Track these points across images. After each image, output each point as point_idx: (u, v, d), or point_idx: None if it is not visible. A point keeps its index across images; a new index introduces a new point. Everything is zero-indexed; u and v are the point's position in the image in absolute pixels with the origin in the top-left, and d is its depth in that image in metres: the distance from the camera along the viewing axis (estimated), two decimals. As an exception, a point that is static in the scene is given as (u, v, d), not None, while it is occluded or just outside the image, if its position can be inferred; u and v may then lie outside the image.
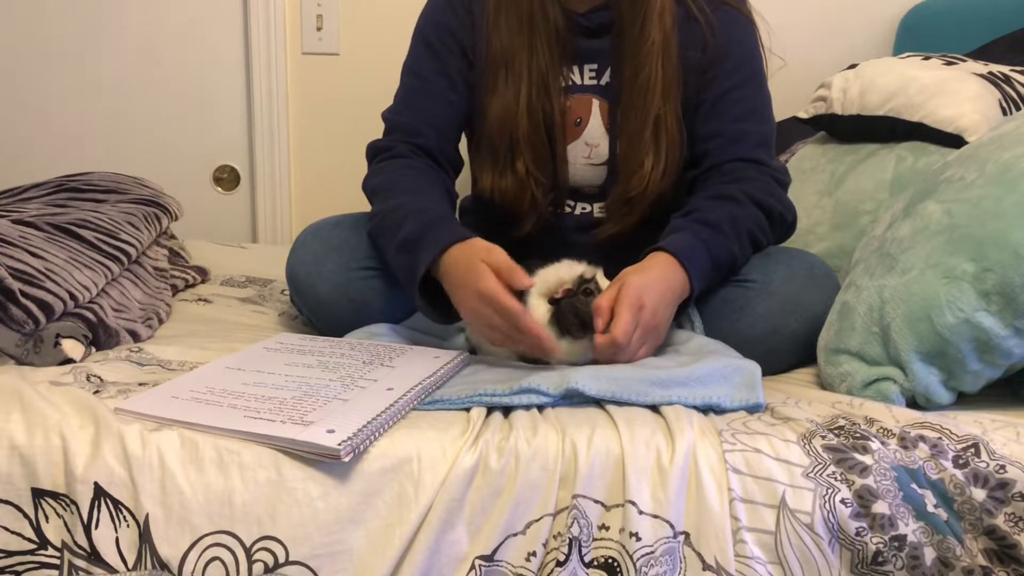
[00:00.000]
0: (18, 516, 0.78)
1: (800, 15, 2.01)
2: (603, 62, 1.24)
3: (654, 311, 1.01)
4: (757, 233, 1.14)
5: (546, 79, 1.21)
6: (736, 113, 1.21)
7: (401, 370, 0.95)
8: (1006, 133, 1.04)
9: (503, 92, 1.22)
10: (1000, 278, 0.91)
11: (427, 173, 1.21)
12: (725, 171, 1.19)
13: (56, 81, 2.06)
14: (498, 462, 0.81)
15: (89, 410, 0.82)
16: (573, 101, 1.25)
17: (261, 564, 0.78)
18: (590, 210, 1.29)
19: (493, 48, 1.22)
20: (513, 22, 1.21)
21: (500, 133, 1.23)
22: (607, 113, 1.24)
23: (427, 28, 1.28)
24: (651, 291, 1.01)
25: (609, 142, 1.25)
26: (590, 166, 1.26)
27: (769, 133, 1.24)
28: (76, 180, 1.45)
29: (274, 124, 2.06)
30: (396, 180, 1.18)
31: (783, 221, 1.19)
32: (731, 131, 1.21)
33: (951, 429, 0.87)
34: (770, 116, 1.25)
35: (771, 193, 1.17)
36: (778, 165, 1.22)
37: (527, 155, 1.23)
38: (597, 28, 1.22)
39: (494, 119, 1.23)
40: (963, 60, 1.49)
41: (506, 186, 1.24)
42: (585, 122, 1.25)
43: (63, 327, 1.00)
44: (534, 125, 1.22)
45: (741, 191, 1.15)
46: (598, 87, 1.24)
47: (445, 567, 0.80)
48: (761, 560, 0.80)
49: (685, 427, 0.84)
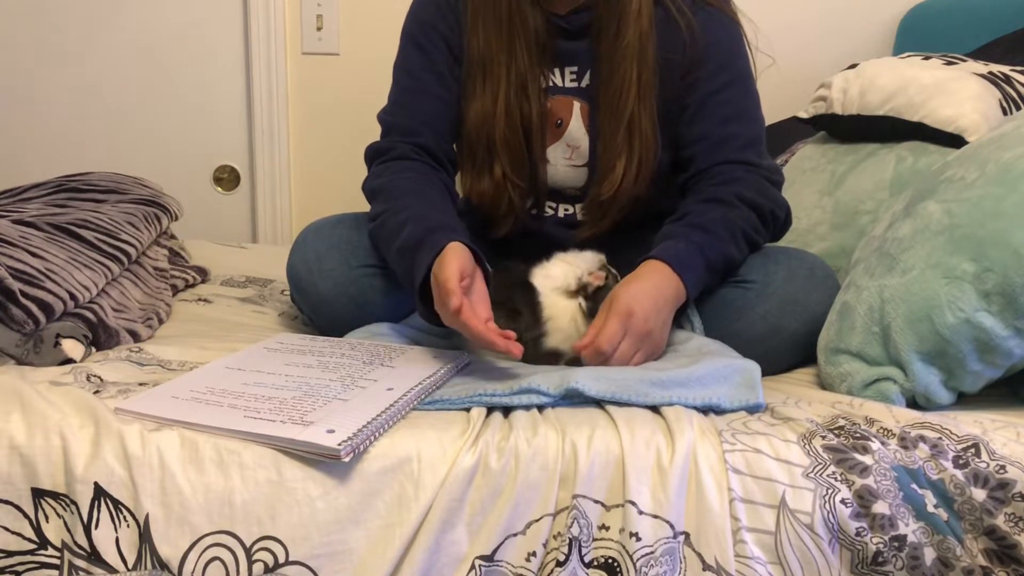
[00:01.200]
0: (18, 516, 0.78)
1: (800, 15, 2.01)
2: (583, 64, 1.23)
3: (645, 318, 1.01)
4: (751, 233, 1.14)
5: (525, 81, 1.21)
6: (722, 115, 1.20)
7: (401, 370, 0.95)
8: (1006, 133, 1.04)
9: (481, 96, 1.21)
10: (1001, 278, 0.91)
11: (427, 175, 1.21)
12: (714, 174, 1.19)
13: (56, 81, 2.06)
14: (498, 462, 0.81)
15: (89, 410, 0.82)
16: (554, 103, 1.24)
17: (261, 564, 0.78)
18: (573, 211, 1.29)
19: (472, 51, 1.22)
20: (491, 25, 1.20)
21: (478, 137, 1.23)
22: (587, 115, 1.24)
23: (414, 27, 1.28)
24: (641, 298, 1.02)
25: (589, 143, 1.25)
26: (571, 167, 1.26)
27: (758, 133, 1.23)
28: (76, 180, 1.45)
29: (274, 124, 2.06)
30: (396, 183, 1.18)
31: (775, 219, 1.18)
32: (718, 134, 1.20)
33: (951, 429, 0.87)
34: (758, 116, 1.24)
35: (762, 192, 1.16)
36: (769, 164, 1.21)
37: (504, 159, 1.22)
38: (577, 30, 1.22)
39: (472, 123, 1.22)
40: (963, 60, 1.48)
41: (483, 189, 1.24)
42: (566, 123, 1.24)
43: (63, 327, 1.00)
44: (512, 129, 1.21)
45: (731, 193, 1.15)
46: (579, 89, 1.24)
47: (445, 567, 0.80)
48: (761, 560, 0.80)
49: (685, 427, 0.85)
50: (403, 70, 1.28)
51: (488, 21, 1.20)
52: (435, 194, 1.18)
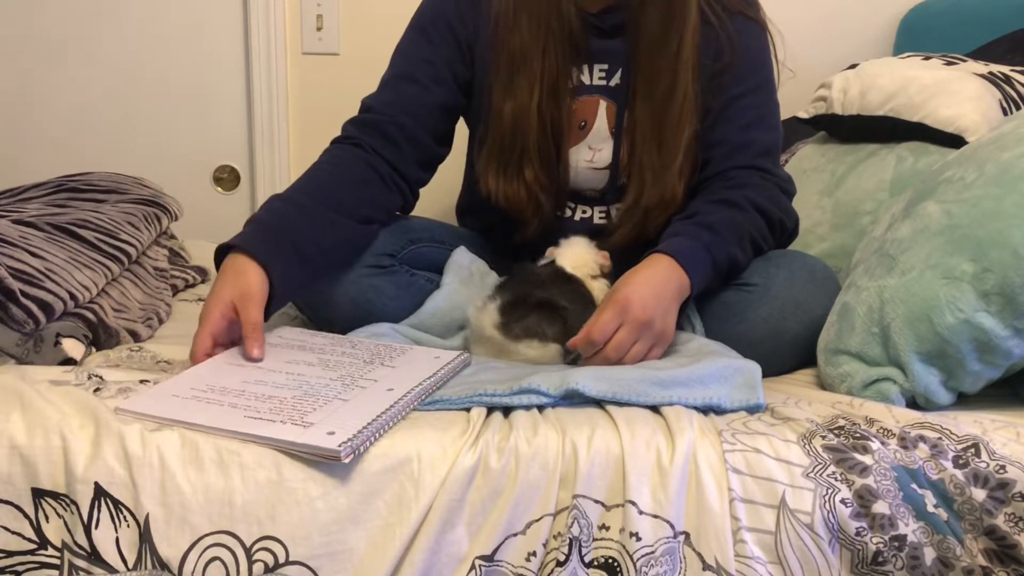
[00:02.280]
0: (18, 516, 0.78)
1: (800, 15, 2.01)
2: (614, 63, 1.22)
3: (643, 306, 0.99)
4: (758, 238, 1.14)
5: (556, 82, 1.20)
6: (744, 120, 1.21)
7: (402, 370, 0.95)
8: (1006, 133, 1.04)
9: (518, 94, 1.19)
10: (1000, 278, 0.91)
11: (354, 171, 1.17)
12: (729, 177, 1.19)
13: (56, 81, 2.06)
14: (498, 462, 0.81)
15: (89, 410, 0.82)
16: (579, 103, 1.23)
17: (261, 564, 0.78)
18: (590, 214, 1.28)
19: (511, 47, 1.20)
20: (532, 20, 1.18)
21: (512, 138, 1.21)
22: (613, 115, 1.23)
23: (425, 15, 1.26)
24: (639, 287, 1.01)
25: (613, 146, 1.24)
26: (592, 170, 1.25)
27: (775, 141, 1.23)
28: (76, 180, 1.45)
29: (274, 124, 2.06)
30: (316, 167, 1.17)
31: (783, 229, 1.19)
32: (738, 138, 1.20)
33: (951, 429, 0.87)
34: (776, 124, 1.24)
35: (773, 200, 1.16)
36: (783, 174, 1.22)
37: (536, 161, 1.21)
38: (610, 28, 1.21)
39: (508, 122, 1.20)
40: (963, 60, 1.49)
41: (513, 192, 1.22)
42: (590, 125, 1.24)
43: (63, 327, 1.00)
44: (543, 130, 1.20)
45: (743, 196, 1.14)
46: (607, 88, 1.23)
47: (445, 567, 0.80)
48: (761, 560, 0.80)
49: (685, 427, 0.84)
50: (400, 54, 1.27)
51: (530, 18, 1.18)
52: (338, 195, 1.13)
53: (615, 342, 0.99)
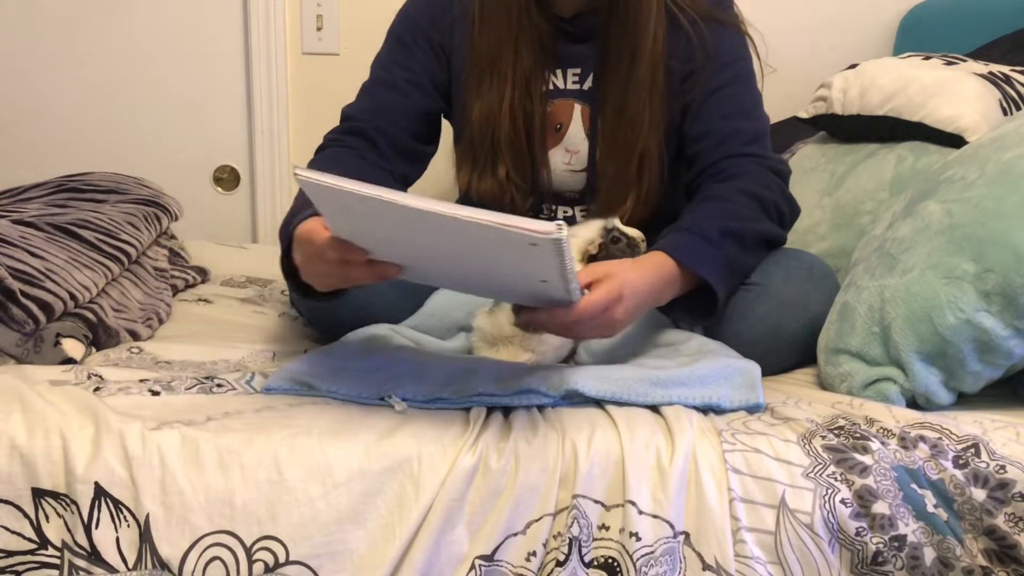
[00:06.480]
0: (18, 516, 0.78)
1: (800, 15, 2.01)
2: (587, 67, 1.23)
3: (627, 314, 0.93)
4: (764, 241, 1.12)
5: (529, 82, 1.21)
6: (725, 111, 1.20)
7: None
8: (1006, 133, 1.04)
9: (487, 94, 1.21)
10: (1001, 278, 0.91)
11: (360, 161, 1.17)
12: (720, 169, 1.18)
13: (56, 81, 2.06)
14: (498, 462, 0.81)
15: (89, 410, 0.82)
16: (554, 106, 1.24)
17: (261, 564, 0.78)
18: (572, 214, 1.29)
19: (478, 49, 1.21)
20: (501, 24, 1.20)
21: (482, 136, 1.22)
22: (588, 118, 1.24)
23: (399, 23, 1.28)
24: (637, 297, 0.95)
25: (589, 148, 1.25)
26: (570, 172, 1.26)
27: (762, 128, 1.23)
28: (76, 180, 1.45)
29: (274, 124, 2.06)
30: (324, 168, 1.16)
31: (780, 212, 1.15)
32: (721, 129, 1.19)
33: (951, 429, 0.87)
34: (761, 114, 1.24)
35: (766, 185, 1.14)
36: (775, 156, 1.21)
37: (508, 159, 1.22)
38: (582, 33, 1.22)
39: (477, 121, 1.22)
40: (963, 60, 1.48)
41: (486, 189, 1.24)
42: (566, 127, 1.25)
43: (63, 327, 1.00)
44: (515, 129, 1.22)
45: (735, 189, 1.13)
46: (581, 91, 1.24)
47: (445, 567, 0.80)
48: (761, 560, 0.80)
49: (685, 427, 0.85)
50: (378, 62, 1.28)
51: (498, 21, 1.20)
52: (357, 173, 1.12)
53: (576, 330, 0.93)
